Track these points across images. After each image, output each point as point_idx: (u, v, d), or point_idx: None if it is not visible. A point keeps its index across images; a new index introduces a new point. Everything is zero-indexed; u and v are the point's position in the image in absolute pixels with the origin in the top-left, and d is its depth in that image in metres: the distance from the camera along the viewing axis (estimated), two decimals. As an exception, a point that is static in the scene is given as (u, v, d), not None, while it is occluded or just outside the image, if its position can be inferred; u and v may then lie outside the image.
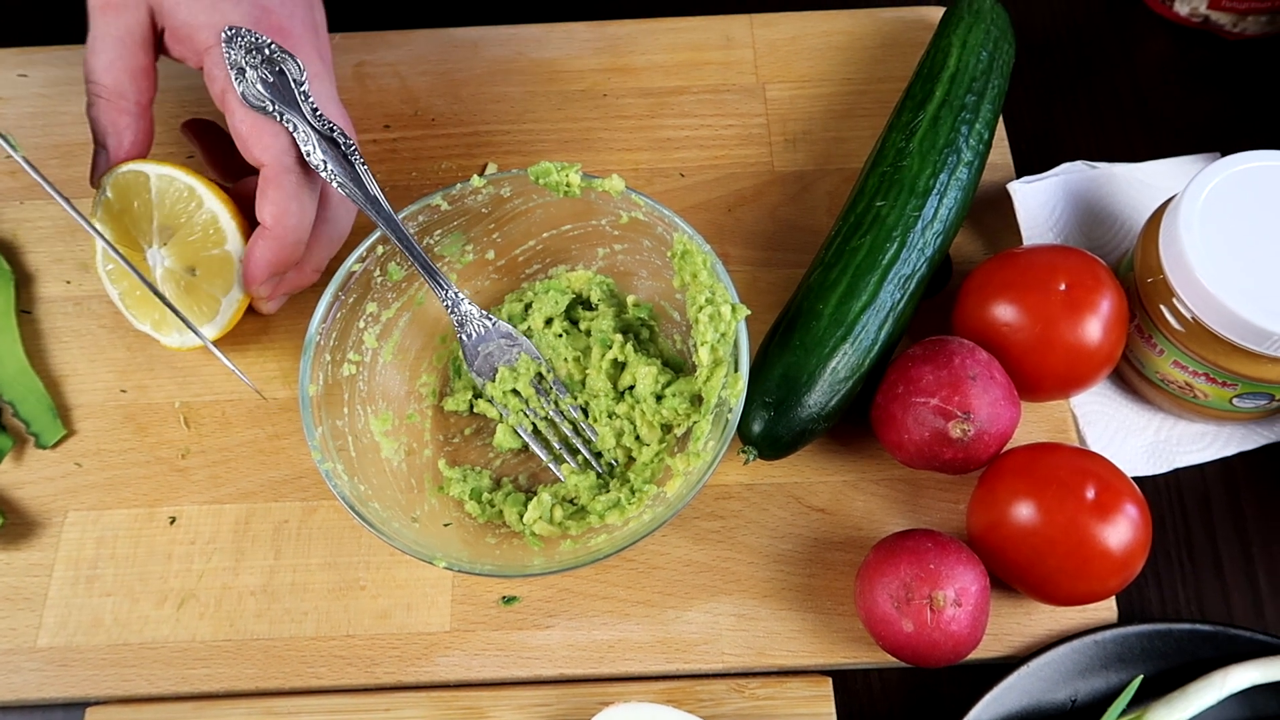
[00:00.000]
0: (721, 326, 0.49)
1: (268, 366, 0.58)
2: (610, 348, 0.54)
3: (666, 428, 0.53)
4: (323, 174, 0.50)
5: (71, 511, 0.54)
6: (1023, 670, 0.48)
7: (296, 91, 0.50)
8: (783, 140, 0.64)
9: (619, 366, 0.54)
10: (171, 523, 0.54)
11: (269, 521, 0.54)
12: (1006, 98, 0.63)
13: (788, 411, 0.50)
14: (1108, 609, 0.50)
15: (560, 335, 0.56)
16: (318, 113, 0.50)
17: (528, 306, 0.57)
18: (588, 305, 0.57)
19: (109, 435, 0.56)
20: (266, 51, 0.50)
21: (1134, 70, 0.67)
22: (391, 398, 0.55)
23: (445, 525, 0.51)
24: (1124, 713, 0.47)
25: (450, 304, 0.53)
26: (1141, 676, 0.48)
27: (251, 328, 0.59)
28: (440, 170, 0.63)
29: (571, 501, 0.52)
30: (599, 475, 0.53)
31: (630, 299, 0.56)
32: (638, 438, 0.53)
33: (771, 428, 0.50)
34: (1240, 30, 0.67)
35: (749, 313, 0.49)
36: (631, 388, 0.54)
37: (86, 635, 0.51)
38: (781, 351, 0.51)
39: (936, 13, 0.66)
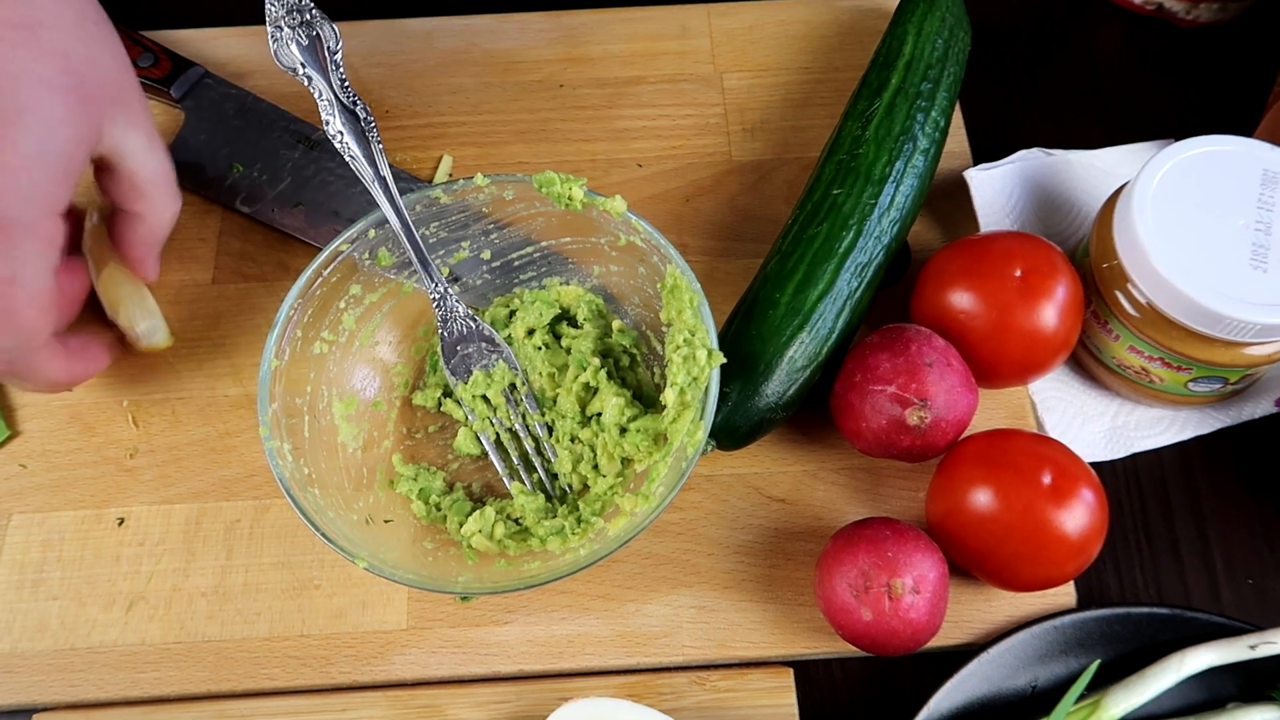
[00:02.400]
0: (695, 370, 0.48)
1: (219, 363, 0.57)
2: (585, 369, 0.53)
3: (626, 462, 0.52)
4: (337, 144, 0.50)
5: (16, 514, 0.53)
6: (983, 657, 0.48)
7: (329, 59, 0.50)
8: (741, 130, 0.63)
9: (590, 391, 0.53)
10: (120, 524, 0.53)
11: (220, 521, 0.53)
12: (963, 86, 0.63)
13: (745, 401, 0.50)
14: (1067, 594, 0.51)
15: (540, 348, 0.54)
16: (345, 84, 0.50)
17: (512, 313, 0.55)
18: (573, 322, 0.56)
19: (55, 435, 0.55)
20: (305, 15, 0.50)
21: (1090, 58, 0.67)
22: (362, 382, 0.54)
23: (386, 521, 0.50)
24: (1081, 697, 0.47)
25: (437, 297, 0.52)
26: (1099, 661, 0.48)
27: (203, 323, 0.58)
28: (395, 162, 0.62)
29: (516, 521, 0.51)
30: (549, 499, 0.52)
31: (616, 323, 0.54)
32: (595, 467, 0.52)
33: (729, 417, 0.50)
34: (1194, 18, 0.67)
35: (724, 361, 0.48)
36: (599, 415, 0.52)
37: (32, 640, 0.50)
38: (739, 341, 0.50)
39: (892, 1, 0.66)
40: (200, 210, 0.60)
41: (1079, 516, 0.46)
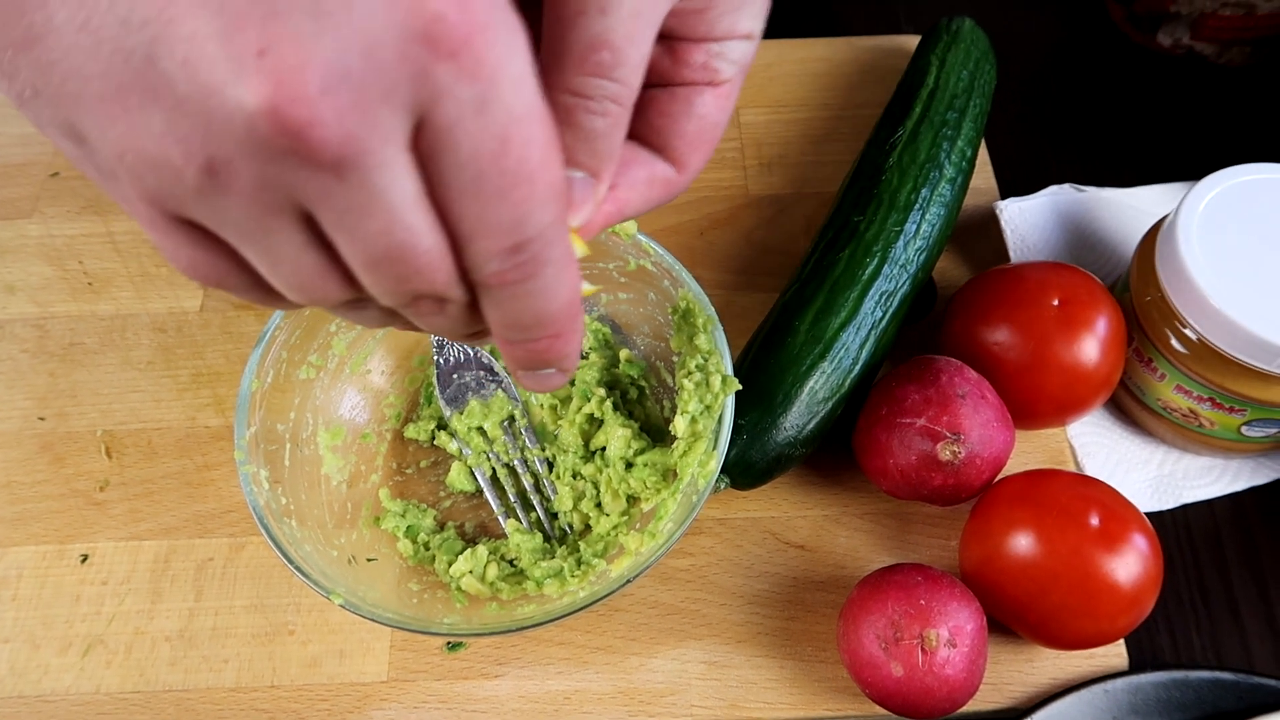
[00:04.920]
0: (708, 398, 0.44)
1: (201, 392, 0.53)
2: (590, 399, 0.49)
3: (632, 500, 0.48)
4: None
5: (-28, 548, 0.49)
6: (1026, 723, 0.43)
7: None
8: (758, 164, 0.61)
9: (594, 423, 0.50)
10: (83, 561, 0.49)
11: (191, 559, 0.49)
12: (990, 124, 0.61)
13: (762, 434, 0.46)
14: (1117, 654, 0.46)
15: None
16: None
17: None
18: None
19: (21, 466, 0.51)
20: None
21: (1119, 99, 0.65)
22: (350, 412, 0.50)
23: (370, 560, 0.46)
24: (1140, 770, 0.42)
25: None
26: (1158, 730, 0.43)
27: (187, 351, 0.55)
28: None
29: (511, 562, 0.47)
30: (547, 539, 0.48)
31: (624, 353, 0.51)
32: (599, 505, 0.48)
33: (744, 452, 0.46)
34: (1225, 60, 0.65)
35: (739, 388, 0.44)
36: (604, 449, 0.49)
37: (-24, 686, 0.45)
38: (755, 370, 0.47)
39: (914, 40, 0.64)
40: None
41: (1131, 564, 0.42)
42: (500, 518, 0.49)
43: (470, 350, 0.50)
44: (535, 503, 0.49)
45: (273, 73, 0.19)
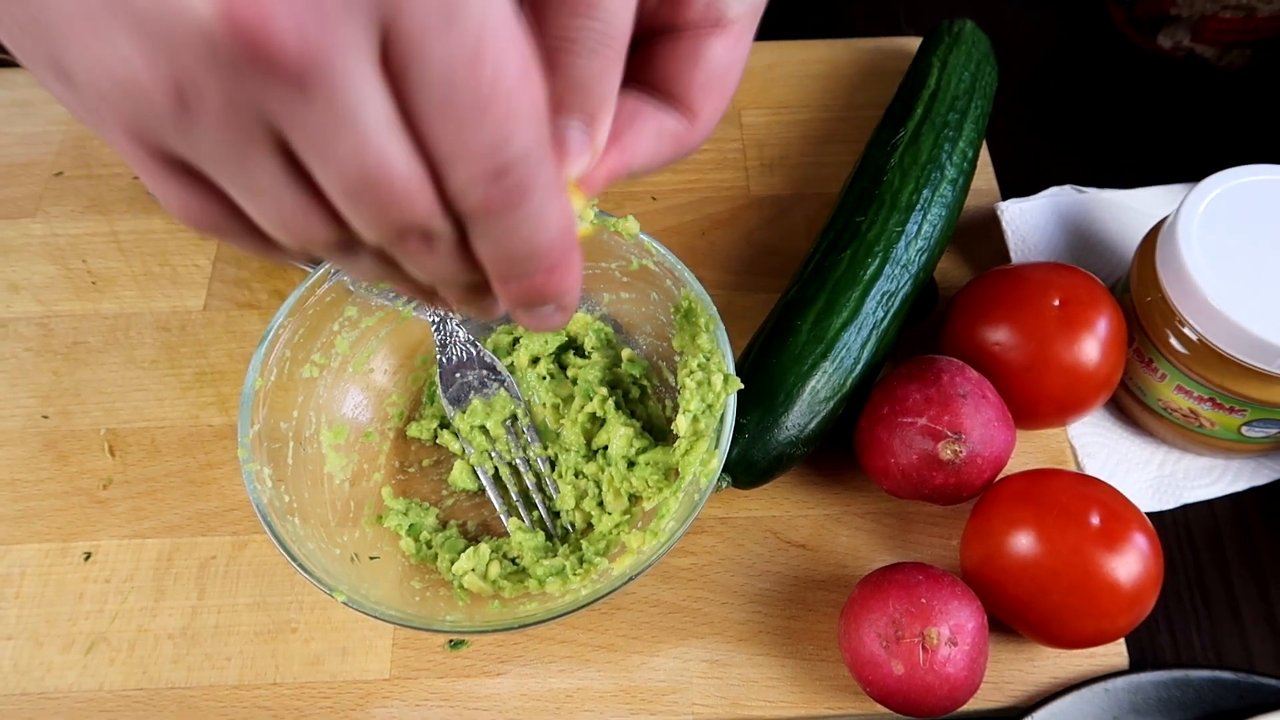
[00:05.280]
0: (709, 397, 0.45)
1: (204, 391, 0.53)
2: (592, 399, 0.49)
3: (634, 499, 0.48)
4: None
5: (-25, 546, 0.49)
6: (1026, 722, 0.43)
7: None
8: (759, 165, 0.61)
9: (596, 422, 0.50)
10: (86, 559, 0.49)
11: (194, 557, 0.49)
12: (992, 126, 0.61)
13: (764, 434, 0.46)
14: (1118, 654, 0.46)
15: (544, 378, 0.51)
16: None
17: (515, 340, 0.52)
18: (580, 351, 0.52)
19: (25, 464, 0.51)
20: None
21: (1118, 102, 0.65)
22: (353, 411, 0.50)
23: (372, 558, 0.46)
24: (1141, 769, 0.42)
25: (436, 321, 0.49)
26: (1158, 729, 0.43)
27: (191, 350, 0.55)
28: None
29: (513, 560, 0.47)
30: (549, 538, 0.48)
31: (626, 353, 0.51)
32: (601, 504, 0.48)
33: (746, 451, 0.46)
34: (1226, 63, 0.65)
35: (741, 386, 0.44)
36: (606, 448, 0.49)
37: (-20, 683, 0.46)
38: (757, 369, 0.47)
39: (915, 42, 0.65)
40: (197, 235, 0.58)
41: (1132, 563, 0.42)
42: (502, 516, 0.49)
43: (473, 349, 0.50)
44: (537, 501, 0.49)
45: None
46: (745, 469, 0.46)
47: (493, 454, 0.50)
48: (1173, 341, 0.48)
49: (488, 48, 0.21)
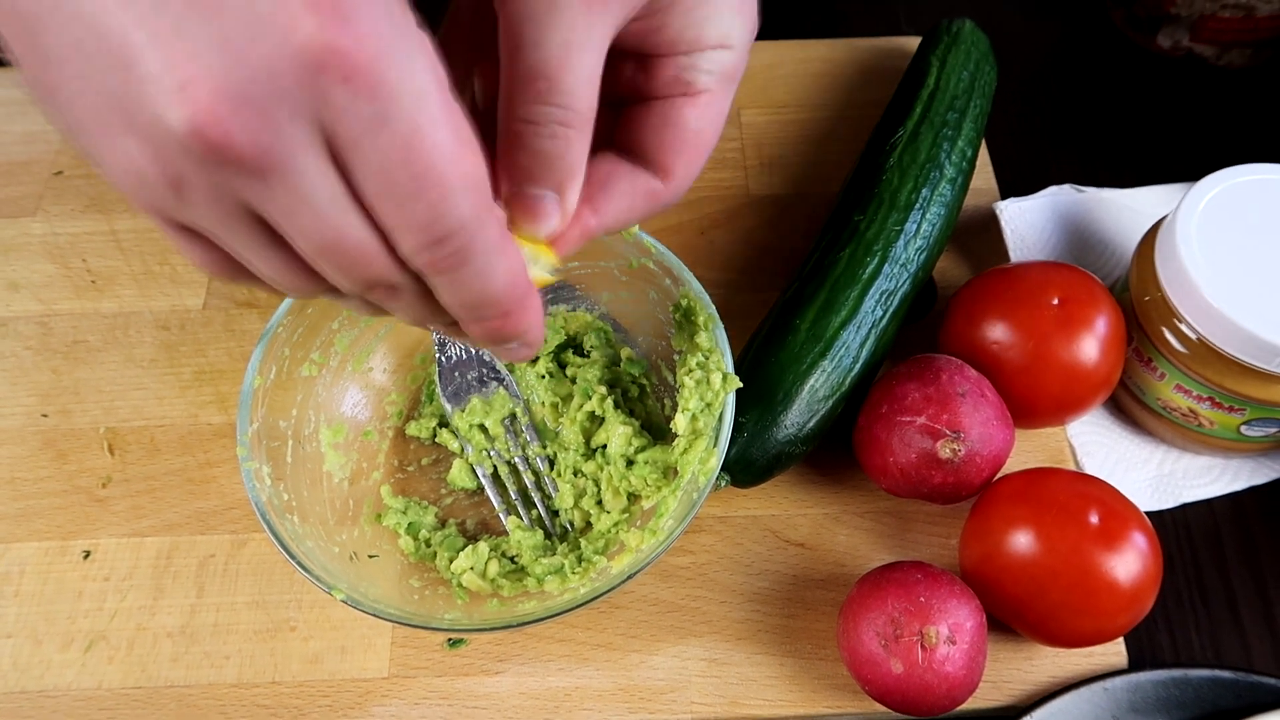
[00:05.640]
0: (708, 395, 0.45)
1: (203, 390, 0.54)
2: (591, 397, 0.49)
3: (633, 497, 0.48)
4: None
5: (-26, 544, 0.49)
6: (1025, 721, 0.43)
7: None
8: (758, 164, 0.61)
9: (595, 421, 0.50)
10: (85, 557, 0.49)
11: (193, 556, 0.49)
12: (991, 126, 0.61)
13: (763, 432, 0.46)
14: (1116, 653, 0.46)
15: (543, 376, 0.51)
16: None
17: None
18: (580, 350, 0.52)
19: (25, 463, 0.51)
20: None
21: (1117, 101, 0.65)
22: (352, 409, 0.50)
23: (371, 557, 0.46)
24: (1139, 768, 0.42)
25: None
26: (1157, 727, 0.43)
27: (189, 350, 0.55)
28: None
29: (512, 559, 0.47)
30: (548, 536, 0.48)
31: (625, 351, 0.51)
32: (599, 503, 0.48)
33: (745, 449, 0.46)
34: (1225, 62, 0.65)
35: (740, 385, 0.45)
36: (604, 447, 0.49)
37: (-21, 681, 0.46)
38: (756, 368, 0.47)
39: (914, 42, 0.65)
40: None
41: (1131, 562, 0.42)
42: (501, 515, 0.49)
43: (472, 348, 0.50)
44: (536, 500, 0.49)
45: (192, 101, 0.23)
46: (744, 468, 0.46)
47: (491, 453, 0.50)
48: (1172, 340, 0.48)
49: (419, 141, 0.25)
